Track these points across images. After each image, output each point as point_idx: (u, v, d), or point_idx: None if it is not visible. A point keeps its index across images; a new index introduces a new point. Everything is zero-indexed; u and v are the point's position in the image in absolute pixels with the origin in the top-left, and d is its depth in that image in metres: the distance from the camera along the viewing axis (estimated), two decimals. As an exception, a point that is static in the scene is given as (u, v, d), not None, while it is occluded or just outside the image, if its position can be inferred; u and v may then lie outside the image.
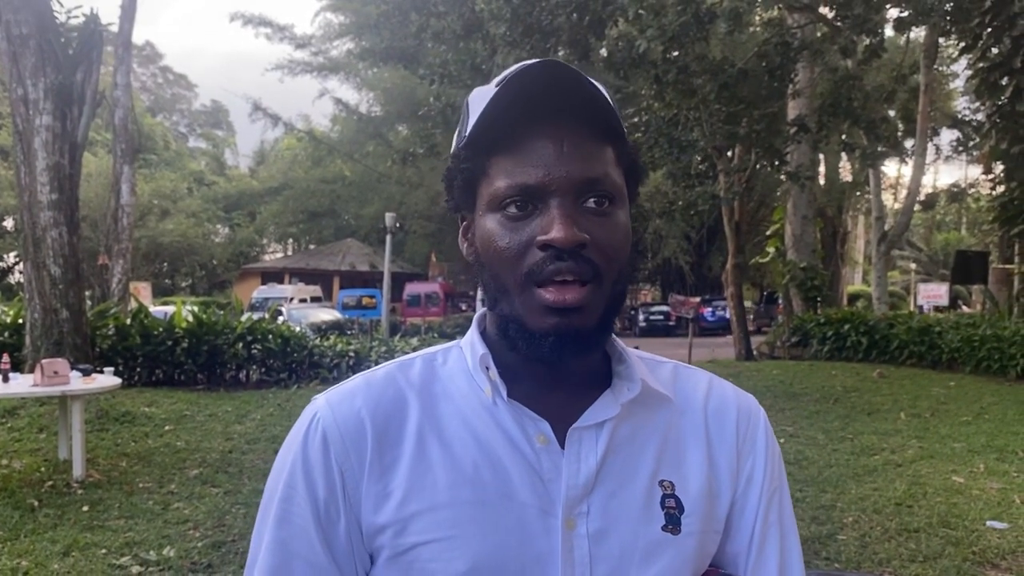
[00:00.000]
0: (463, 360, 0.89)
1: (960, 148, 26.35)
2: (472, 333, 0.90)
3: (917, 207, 20.85)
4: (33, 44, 8.70)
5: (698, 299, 28.56)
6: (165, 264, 42.58)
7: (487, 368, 0.84)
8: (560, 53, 11.20)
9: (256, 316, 12.59)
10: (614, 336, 0.89)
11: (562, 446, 0.82)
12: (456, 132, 0.89)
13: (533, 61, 0.78)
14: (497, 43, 11.04)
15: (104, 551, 4.59)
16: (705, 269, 34.58)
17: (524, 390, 0.84)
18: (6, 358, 6.32)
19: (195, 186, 44.87)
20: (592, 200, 0.80)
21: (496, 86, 0.81)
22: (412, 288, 29.49)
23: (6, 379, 6.07)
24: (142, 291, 21.13)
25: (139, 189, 26.44)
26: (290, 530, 0.82)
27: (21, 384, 6.06)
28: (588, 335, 0.80)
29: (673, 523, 0.83)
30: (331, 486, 0.82)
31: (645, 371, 0.88)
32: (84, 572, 4.28)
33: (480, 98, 0.83)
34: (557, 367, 0.84)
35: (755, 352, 16.83)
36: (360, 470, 0.82)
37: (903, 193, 20.84)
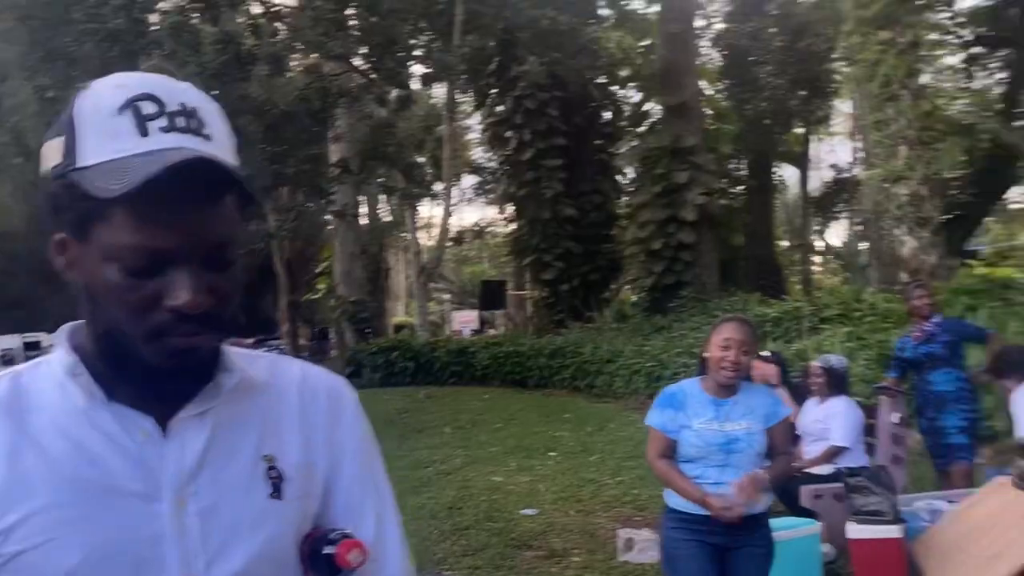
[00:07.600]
0: (51, 373, 0.90)
1: (479, 191, 30.00)
2: (58, 349, 0.91)
3: (448, 243, 23.09)
4: None
5: (251, 339, 28.09)
6: None
7: (78, 376, 0.87)
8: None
9: None
10: None
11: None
12: (55, 134, 0.83)
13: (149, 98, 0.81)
14: (8, 69, 9.85)
15: None
16: (258, 310, 34.05)
17: (126, 391, 0.89)
18: None
19: None
20: (216, 262, 0.84)
21: (119, 112, 0.81)
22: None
23: None
24: None
25: None
26: None
27: None
28: (208, 360, 0.90)
29: (277, 491, 0.94)
30: None
31: (244, 363, 0.97)
32: None
33: (95, 116, 0.81)
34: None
35: (312, 387, 17.00)
36: None
37: (436, 231, 22.90)
